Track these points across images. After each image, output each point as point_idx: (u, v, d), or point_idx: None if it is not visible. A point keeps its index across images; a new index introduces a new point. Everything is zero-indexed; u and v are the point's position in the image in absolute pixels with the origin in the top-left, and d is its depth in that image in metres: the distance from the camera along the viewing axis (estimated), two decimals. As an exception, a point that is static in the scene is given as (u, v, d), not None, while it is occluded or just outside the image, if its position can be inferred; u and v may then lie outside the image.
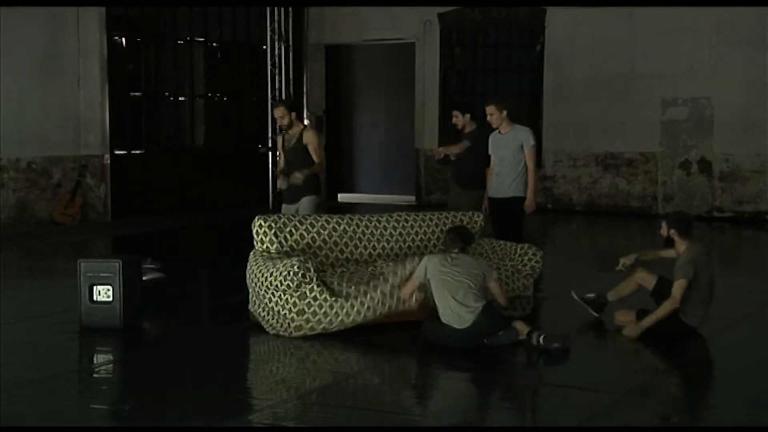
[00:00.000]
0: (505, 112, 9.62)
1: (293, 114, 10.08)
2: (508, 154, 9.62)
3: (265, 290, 7.77)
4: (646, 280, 8.06)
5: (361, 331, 7.71)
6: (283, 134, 10.19)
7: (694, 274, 7.67)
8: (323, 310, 7.60)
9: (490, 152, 9.82)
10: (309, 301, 7.58)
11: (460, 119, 10.65)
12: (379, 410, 6.12)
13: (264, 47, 17.47)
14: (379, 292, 7.71)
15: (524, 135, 9.65)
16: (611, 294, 8.28)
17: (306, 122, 10.64)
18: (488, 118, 9.65)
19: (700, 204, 15.95)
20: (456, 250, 7.65)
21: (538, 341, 7.21)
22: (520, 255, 8.61)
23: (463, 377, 6.97)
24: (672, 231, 7.85)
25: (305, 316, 7.59)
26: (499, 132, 9.71)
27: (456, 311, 7.34)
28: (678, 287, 7.62)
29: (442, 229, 8.60)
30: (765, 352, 7.64)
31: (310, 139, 9.97)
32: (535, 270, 8.55)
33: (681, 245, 7.84)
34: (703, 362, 7.21)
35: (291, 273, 7.55)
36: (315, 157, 9.91)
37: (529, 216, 9.86)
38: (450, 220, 8.68)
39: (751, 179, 15.61)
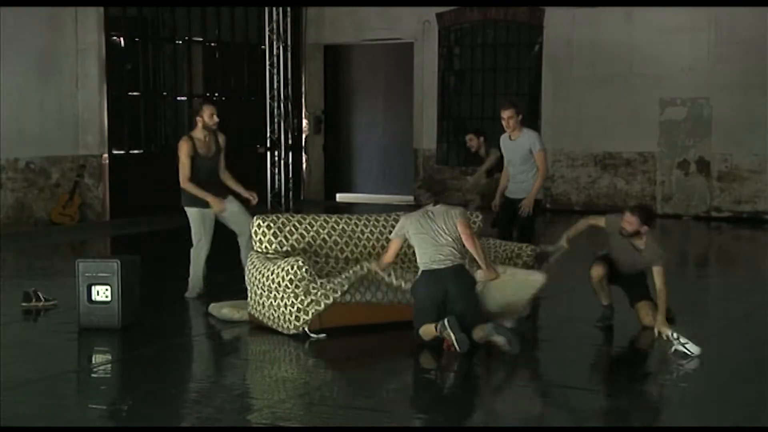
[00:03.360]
0: (520, 116, 9.68)
1: None
2: (516, 159, 9.69)
3: (266, 290, 7.76)
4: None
5: (360, 330, 7.71)
6: (192, 139, 9.10)
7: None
8: (323, 302, 7.61)
9: (503, 154, 9.91)
10: (309, 299, 7.58)
11: (475, 142, 11.11)
12: (379, 410, 6.12)
13: (262, 47, 17.45)
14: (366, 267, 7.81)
15: (531, 140, 9.65)
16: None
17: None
18: (505, 121, 9.64)
19: (698, 204, 15.97)
20: (431, 204, 7.64)
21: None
22: (515, 254, 8.61)
23: (462, 377, 6.97)
24: (644, 228, 7.89)
25: (306, 314, 7.59)
26: (510, 137, 9.75)
27: (435, 258, 7.39)
28: (661, 275, 7.75)
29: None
30: (764, 352, 7.64)
31: (223, 142, 9.27)
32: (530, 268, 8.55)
33: (644, 235, 7.92)
34: (703, 362, 7.21)
35: (295, 269, 7.54)
36: (223, 163, 9.30)
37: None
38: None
39: (750, 179, 15.62)
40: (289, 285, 7.57)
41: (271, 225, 8.13)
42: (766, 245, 14.38)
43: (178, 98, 17.12)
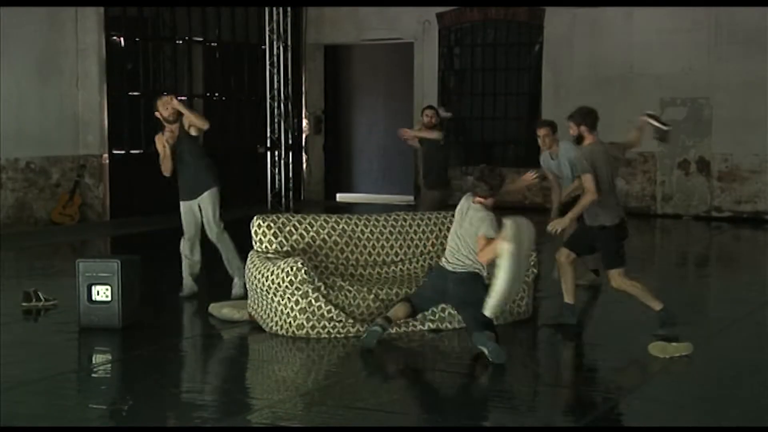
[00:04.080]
0: (556, 134, 9.62)
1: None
2: (565, 174, 9.60)
3: (266, 290, 7.76)
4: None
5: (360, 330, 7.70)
6: (162, 133, 9.53)
7: (593, 167, 7.77)
8: (323, 310, 7.59)
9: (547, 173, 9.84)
10: (310, 300, 7.58)
11: (434, 119, 11.20)
12: (379, 410, 6.12)
13: (262, 47, 17.46)
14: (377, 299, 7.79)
15: (568, 154, 9.38)
16: None
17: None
18: (541, 140, 9.60)
19: (698, 204, 15.97)
20: (480, 197, 7.24)
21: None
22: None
23: (462, 377, 6.97)
24: (582, 128, 7.94)
25: (306, 315, 7.59)
26: (551, 156, 9.69)
27: (449, 257, 7.28)
28: (587, 181, 7.73)
29: (440, 228, 8.63)
30: (764, 352, 7.64)
31: (191, 115, 9.52)
32: (532, 272, 8.55)
33: (588, 140, 8.01)
34: (703, 362, 7.21)
35: (294, 269, 7.54)
36: (201, 120, 9.53)
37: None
38: (448, 219, 8.68)
39: (750, 179, 15.62)
40: (289, 286, 7.57)
41: (271, 225, 8.13)
42: (766, 245, 14.37)
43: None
